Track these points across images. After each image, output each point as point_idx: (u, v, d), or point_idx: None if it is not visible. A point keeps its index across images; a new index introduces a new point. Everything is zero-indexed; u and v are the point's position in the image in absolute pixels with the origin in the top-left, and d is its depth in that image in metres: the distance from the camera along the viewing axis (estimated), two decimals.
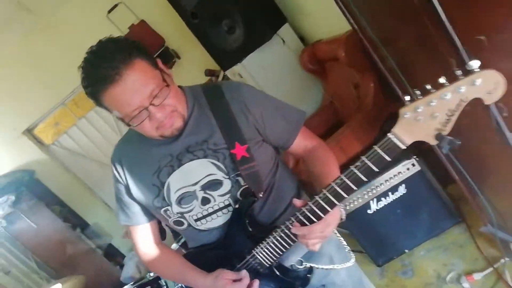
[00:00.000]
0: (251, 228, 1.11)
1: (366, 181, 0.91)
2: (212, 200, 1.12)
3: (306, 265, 1.15)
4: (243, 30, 3.10)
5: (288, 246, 1.06)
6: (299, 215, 1.00)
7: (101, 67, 0.97)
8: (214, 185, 1.10)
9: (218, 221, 1.14)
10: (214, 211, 1.13)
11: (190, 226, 1.17)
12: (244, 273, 1.13)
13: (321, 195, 0.96)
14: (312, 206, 0.97)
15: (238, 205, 1.11)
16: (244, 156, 1.09)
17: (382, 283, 2.32)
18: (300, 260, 1.16)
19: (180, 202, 1.13)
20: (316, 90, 3.56)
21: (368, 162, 0.88)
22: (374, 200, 2.23)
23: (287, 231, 1.03)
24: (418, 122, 0.81)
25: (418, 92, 0.79)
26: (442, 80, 0.78)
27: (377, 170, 0.89)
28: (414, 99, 0.80)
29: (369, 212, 2.25)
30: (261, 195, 1.09)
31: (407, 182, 2.18)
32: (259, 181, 1.10)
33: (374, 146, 0.88)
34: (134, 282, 1.98)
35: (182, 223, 1.17)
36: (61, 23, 3.75)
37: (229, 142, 1.08)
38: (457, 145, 0.80)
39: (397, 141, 0.84)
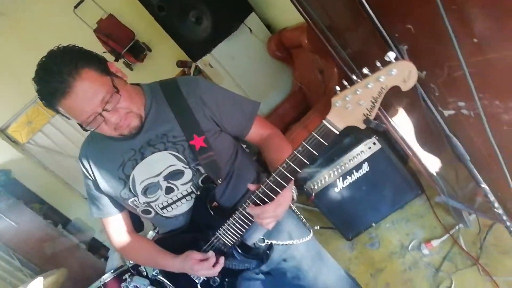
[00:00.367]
0: (213, 212, 1.20)
1: (308, 163, 1.01)
2: (175, 189, 1.21)
3: (267, 242, 1.25)
4: (211, 21, 3.15)
5: (246, 226, 1.16)
6: (254, 197, 1.10)
7: (50, 82, 1.03)
8: (176, 175, 1.19)
9: (182, 208, 1.23)
10: (178, 199, 1.22)
11: (157, 214, 1.26)
12: (210, 253, 1.23)
13: (271, 179, 1.06)
14: (264, 188, 1.07)
15: (200, 191, 1.20)
16: (202, 146, 1.18)
17: (352, 256, 2.47)
18: (262, 238, 1.26)
19: (145, 192, 1.21)
20: (285, 76, 3.64)
21: (308, 147, 0.98)
22: (340, 178, 2.36)
23: (244, 213, 1.13)
24: (347, 109, 0.91)
25: (346, 82, 0.89)
26: (365, 71, 0.88)
27: (316, 154, 0.99)
28: (343, 89, 0.90)
29: (336, 190, 2.38)
30: (220, 182, 1.19)
31: (370, 160, 2.31)
32: (218, 169, 1.20)
33: (312, 131, 0.97)
34: (114, 270, 2.06)
35: (149, 212, 1.26)
36: (29, 21, 3.71)
37: (187, 134, 1.17)
38: (382, 128, 0.91)
39: (331, 127, 0.95)
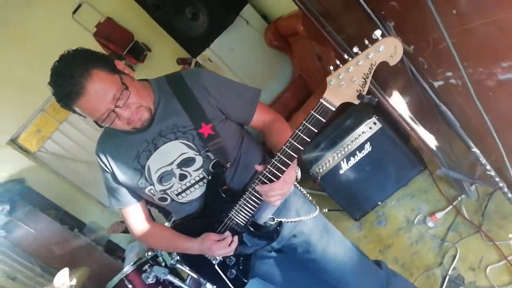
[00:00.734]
0: (225, 194, 1.29)
1: (309, 141, 1.09)
2: (188, 175, 1.29)
3: (276, 220, 1.33)
4: (207, 16, 3.21)
5: (256, 205, 1.24)
6: (261, 177, 1.18)
7: (64, 85, 1.13)
8: (188, 162, 1.27)
9: (196, 193, 1.31)
10: (192, 185, 1.30)
11: (173, 200, 1.34)
12: (226, 233, 1.32)
13: (276, 158, 1.14)
14: (270, 168, 1.15)
15: (211, 176, 1.28)
16: (210, 134, 1.26)
17: (361, 235, 2.55)
18: (271, 217, 1.34)
19: (160, 180, 1.30)
20: (284, 65, 3.70)
21: (308, 125, 1.06)
22: (344, 160, 2.43)
23: (254, 192, 1.21)
24: (342, 87, 0.99)
25: (338, 61, 0.97)
26: (355, 49, 0.95)
27: (315, 131, 1.06)
28: (336, 68, 0.98)
29: (341, 172, 2.46)
30: (229, 165, 1.27)
31: (371, 140, 2.38)
32: (226, 153, 1.28)
33: (311, 111, 1.05)
34: (134, 262, 2.16)
35: (165, 199, 1.35)
36: (29, 31, 3.79)
37: (195, 123, 1.25)
38: (374, 102, 0.99)
39: (328, 104, 1.02)
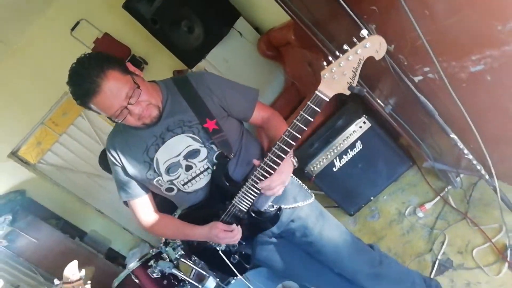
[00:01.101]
0: (228, 183, 1.41)
1: (305, 129, 1.22)
2: (194, 166, 1.41)
3: (276, 207, 1.46)
4: (202, 29, 3.37)
5: (256, 193, 1.37)
6: (260, 170, 1.32)
7: (82, 84, 1.26)
8: (193, 153, 1.40)
9: (201, 182, 1.43)
10: (197, 175, 1.42)
11: (179, 190, 1.46)
12: (233, 226, 1.43)
13: (276, 146, 1.27)
14: (267, 161, 1.30)
15: (215, 167, 1.41)
16: (214, 128, 1.39)
17: (355, 229, 2.67)
18: (271, 204, 1.47)
19: (168, 171, 1.42)
20: (277, 74, 3.87)
21: (305, 115, 1.20)
22: (337, 158, 2.57)
23: (255, 179, 1.34)
24: (334, 79, 1.13)
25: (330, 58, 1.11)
26: (346, 47, 1.09)
27: (311, 120, 1.20)
28: (329, 63, 1.12)
29: (334, 170, 2.59)
30: (232, 156, 1.39)
31: (362, 138, 2.53)
32: (229, 146, 1.40)
33: (308, 102, 1.18)
34: (139, 258, 2.26)
35: (172, 189, 1.46)
36: (28, 47, 3.92)
37: (200, 118, 1.38)
38: (363, 93, 1.13)
39: (322, 96, 1.16)
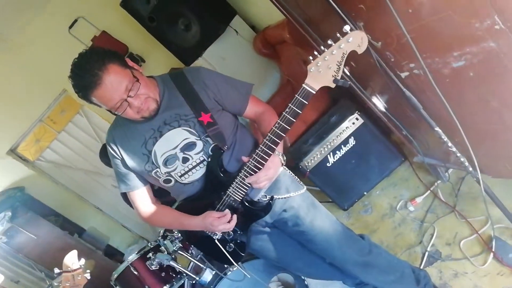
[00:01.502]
0: (223, 174, 1.47)
1: (294, 121, 1.28)
2: (190, 158, 1.47)
3: (268, 197, 1.51)
4: (199, 27, 3.42)
5: (248, 186, 1.43)
6: (252, 161, 1.38)
7: (84, 77, 1.32)
8: (190, 146, 1.46)
9: (197, 174, 1.49)
10: (193, 167, 1.48)
11: (177, 182, 1.51)
12: (226, 211, 1.49)
13: (267, 138, 1.33)
14: (259, 152, 1.36)
15: (210, 158, 1.46)
16: (209, 121, 1.45)
17: (349, 223, 2.73)
18: (264, 194, 1.53)
19: (166, 163, 1.48)
20: (273, 71, 3.92)
21: (293, 107, 1.26)
22: (331, 154, 2.63)
23: (246, 174, 1.41)
24: (320, 73, 1.19)
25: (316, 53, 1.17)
26: (330, 41, 1.15)
27: (299, 112, 1.26)
28: (315, 57, 1.18)
29: (328, 165, 2.66)
30: (225, 148, 1.45)
31: (355, 134, 2.59)
32: (223, 138, 1.46)
33: (296, 95, 1.24)
34: (138, 251, 2.32)
35: (170, 181, 1.52)
36: (27, 45, 3.96)
37: (196, 112, 1.44)
38: (347, 85, 1.19)
39: (309, 89, 1.22)
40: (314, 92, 1.22)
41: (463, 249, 1.97)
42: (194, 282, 2.19)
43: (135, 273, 2.24)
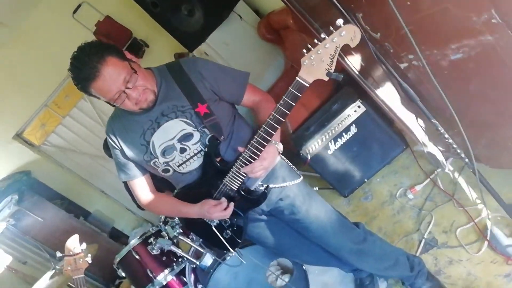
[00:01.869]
0: (219, 164, 1.49)
1: (288, 113, 1.28)
2: (188, 148, 1.49)
3: (265, 186, 1.53)
4: (202, 12, 3.39)
5: (244, 175, 1.45)
6: (248, 151, 1.39)
7: (83, 69, 1.34)
8: (187, 137, 1.47)
9: (195, 164, 1.51)
10: (191, 157, 1.50)
11: (175, 171, 1.54)
12: (223, 199, 1.52)
13: (261, 129, 1.34)
14: (254, 143, 1.37)
15: (207, 149, 1.48)
16: (206, 112, 1.46)
17: (349, 210, 2.76)
18: (260, 183, 1.55)
19: (164, 154, 1.50)
20: (277, 57, 3.88)
21: (287, 99, 1.26)
22: (332, 141, 2.64)
23: (241, 164, 1.42)
24: (313, 66, 1.19)
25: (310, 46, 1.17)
26: (323, 35, 1.15)
27: (293, 104, 1.26)
28: (308, 51, 1.18)
29: (329, 153, 2.67)
30: (222, 139, 1.47)
31: (357, 122, 2.59)
32: (221, 129, 1.48)
33: (289, 87, 1.25)
34: (140, 236, 2.37)
35: (168, 170, 1.55)
36: (31, 30, 3.96)
37: (192, 103, 1.45)
38: (340, 78, 1.19)
39: (302, 81, 1.22)
40: (307, 85, 1.23)
41: (459, 237, 1.99)
42: (194, 266, 2.24)
43: (137, 257, 2.30)
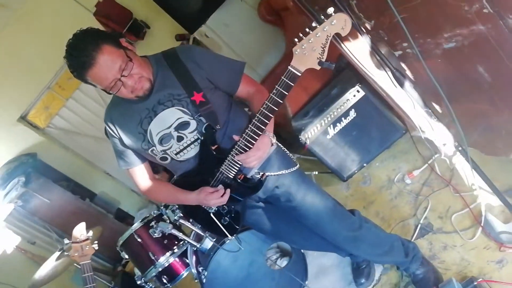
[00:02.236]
0: (216, 152, 1.51)
1: (281, 103, 1.29)
2: (184, 137, 1.51)
3: (261, 173, 1.56)
4: None
5: (239, 164, 1.47)
6: (243, 140, 1.41)
7: (79, 57, 1.34)
8: (183, 125, 1.49)
9: (192, 152, 1.54)
10: (188, 145, 1.53)
11: (173, 159, 1.57)
12: (219, 186, 1.55)
13: (255, 119, 1.35)
14: (249, 132, 1.38)
15: (203, 137, 1.50)
16: (201, 101, 1.47)
17: (348, 194, 2.79)
18: (257, 171, 1.57)
19: (161, 142, 1.52)
20: (278, 39, 3.84)
21: (280, 89, 1.27)
22: (331, 126, 2.64)
23: (237, 152, 1.44)
24: (305, 55, 1.19)
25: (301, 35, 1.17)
26: (314, 24, 1.15)
27: (286, 94, 1.27)
28: (300, 40, 1.18)
29: (328, 137, 2.67)
30: (218, 127, 1.49)
31: (356, 106, 2.58)
32: (217, 117, 1.49)
33: (282, 77, 1.25)
34: (142, 220, 2.42)
35: (166, 158, 1.57)
36: (32, 12, 3.95)
37: (188, 92, 1.47)
38: (332, 67, 1.19)
39: (295, 71, 1.23)
40: (299, 74, 1.23)
41: (454, 222, 2.01)
42: (195, 249, 2.29)
43: (139, 240, 2.35)
